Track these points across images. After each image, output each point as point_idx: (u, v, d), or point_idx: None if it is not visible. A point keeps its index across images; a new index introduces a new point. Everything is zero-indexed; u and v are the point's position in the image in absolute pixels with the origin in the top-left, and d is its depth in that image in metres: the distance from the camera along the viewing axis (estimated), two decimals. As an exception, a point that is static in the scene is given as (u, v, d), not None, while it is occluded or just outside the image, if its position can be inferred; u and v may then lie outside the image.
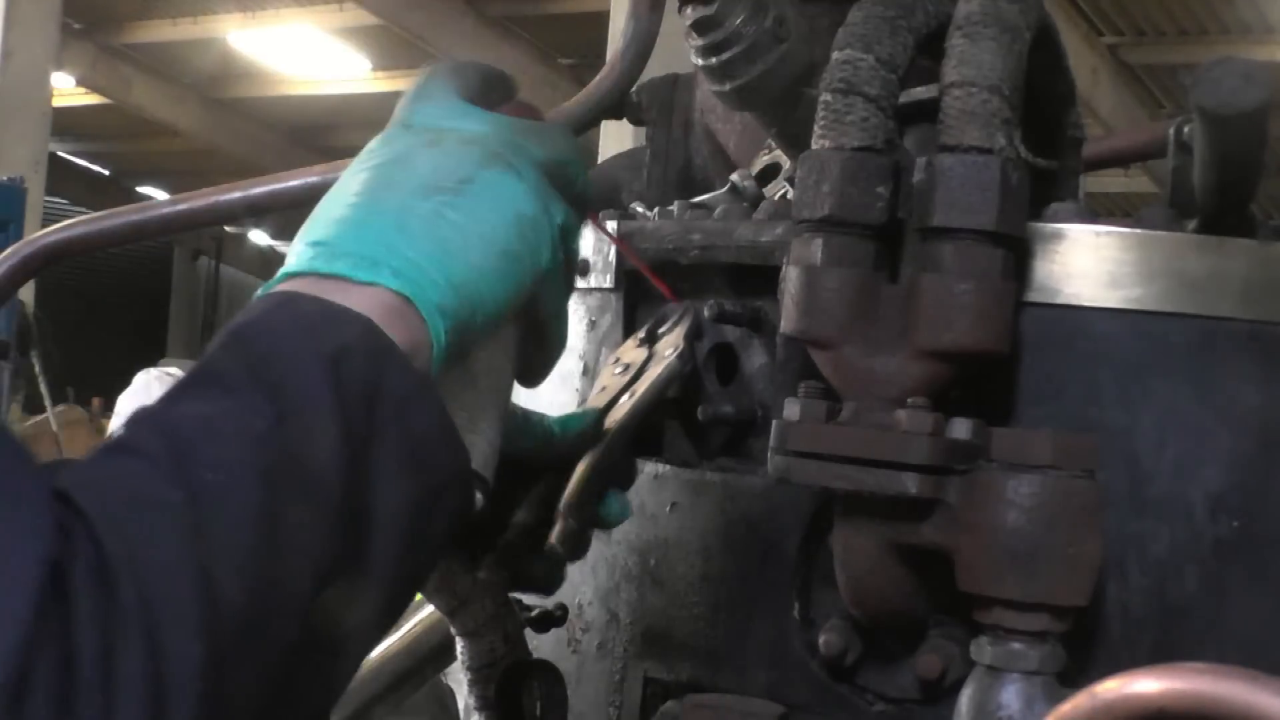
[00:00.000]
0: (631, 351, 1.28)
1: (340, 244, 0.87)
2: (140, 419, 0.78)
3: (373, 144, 0.95)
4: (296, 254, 0.88)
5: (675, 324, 1.26)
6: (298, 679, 0.78)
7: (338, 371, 0.80)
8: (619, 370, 1.26)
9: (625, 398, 1.21)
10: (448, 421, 0.86)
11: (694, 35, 1.31)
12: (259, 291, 0.88)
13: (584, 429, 1.14)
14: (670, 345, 1.24)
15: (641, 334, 1.29)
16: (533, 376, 1.05)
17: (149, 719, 0.67)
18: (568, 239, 0.97)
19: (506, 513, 1.14)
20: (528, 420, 1.11)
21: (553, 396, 1.37)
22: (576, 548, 1.14)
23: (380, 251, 0.86)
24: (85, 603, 0.66)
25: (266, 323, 0.83)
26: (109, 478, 0.73)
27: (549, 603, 1.30)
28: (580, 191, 0.99)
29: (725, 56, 1.30)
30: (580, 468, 1.13)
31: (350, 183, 0.92)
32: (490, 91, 1.00)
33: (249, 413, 0.77)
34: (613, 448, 1.15)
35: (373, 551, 0.80)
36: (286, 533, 0.75)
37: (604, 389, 1.25)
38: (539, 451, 1.11)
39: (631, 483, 1.20)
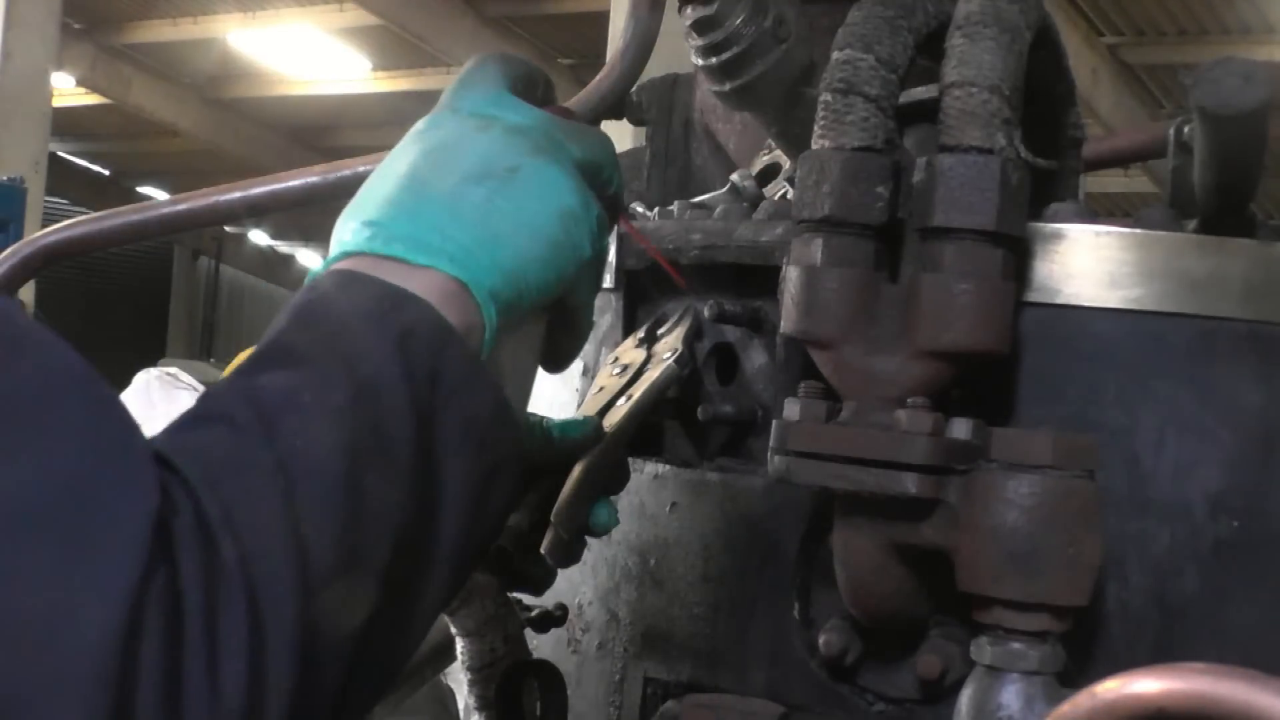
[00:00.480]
0: (630, 352, 1.28)
1: (395, 226, 0.90)
2: (222, 389, 0.81)
3: (420, 125, 0.97)
4: (351, 231, 0.91)
5: (674, 325, 1.27)
6: (376, 644, 0.81)
7: (405, 350, 0.83)
8: (617, 371, 1.26)
9: (622, 400, 1.21)
10: (503, 400, 0.89)
11: (694, 35, 1.31)
12: (315, 270, 0.91)
13: (583, 436, 1.15)
14: (669, 348, 1.24)
15: (641, 334, 1.29)
16: (558, 363, 1.06)
17: (250, 671, 0.69)
18: (603, 241, 1.00)
19: None
20: (528, 422, 1.11)
21: (554, 396, 1.37)
22: (567, 556, 1.15)
23: (435, 236, 0.89)
24: (189, 557, 0.69)
25: (333, 300, 0.86)
26: (202, 442, 0.76)
27: (549, 603, 1.30)
28: (614, 193, 1.02)
29: (725, 56, 1.30)
30: (573, 475, 1.14)
31: (399, 163, 0.94)
32: (533, 89, 1.02)
33: (326, 385, 0.80)
34: (606, 455, 1.16)
35: (441, 523, 0.83)
36: (367, 500, 0.78)
37: (601, 389, 1.25)
38: (537, 455, 1.11)
39: (623, 488, 1.21)
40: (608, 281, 1.34)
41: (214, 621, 0.69)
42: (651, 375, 1.23)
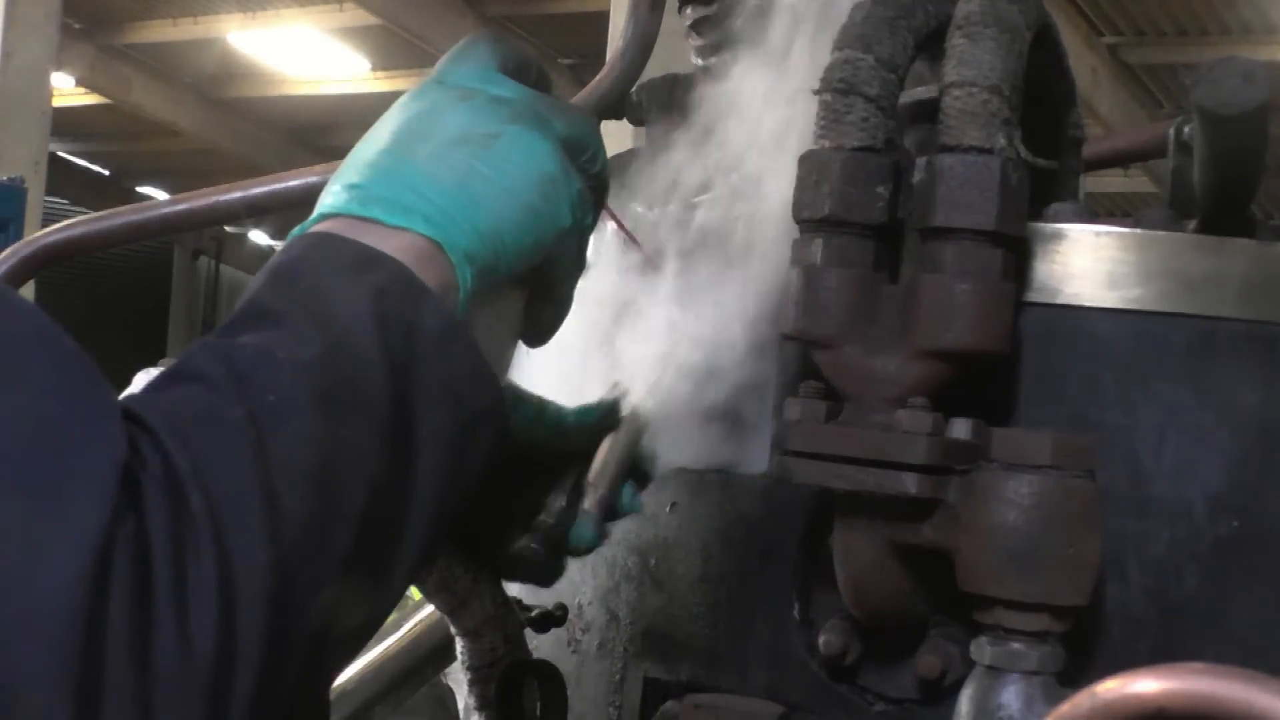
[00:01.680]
0: (628, 351, 1.28)
1: (373, 188, 0.91)
2: (196, 350, 0.81)
3: (405, 97, 0.99)
4: (332, 195, 0.92)
5: (673, 328, 1.26)
6: (353, 595, 0.81)
7: (379, 306, 0.84)
8: (616, 371, 1.26)
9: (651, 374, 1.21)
10: (480, 358, 0.90)
11: (694, 35, 1.31)
12: (294, 231, 0.92)
13: (598, 420, 1.14)
14: (665, 353, 1.24)
15: (642, 331, 1.28)
16: (538, 337, 1.06)
17: (221, 618, 0.70)
18: (585, 213, 1.00)
19: (507, 504, 1.13)
20: (543, 409, 1.11)
21: (554, 397, 1.36)
22: (603, 519, 1.13)
23: (412, 198, 0.90)
24: (156, 508, 0.70)
25: (308, 261, 0.87)
26: (173, 399, 0.77)
27: (549, 603, 1.30)
28: (598, 173, 1.02)
29: (725, 57, 1.30)
30: (605, 446, 1.12)
31: (383, 131, 0.96)
32: (525, 73, 1.03)
33: (300, 341, 0.81)
34: (635, 432, 1.14)
35: (417, 475, 0.84)
36: (341, 451, 0.79)
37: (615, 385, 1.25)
38: (549, 441, 1.11)
39: (649, 481, 1.19)
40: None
41: (182, 570, 0.69)
42: (649, 380, 1.23)
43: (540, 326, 1.05)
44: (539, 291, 1.02)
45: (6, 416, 0.68)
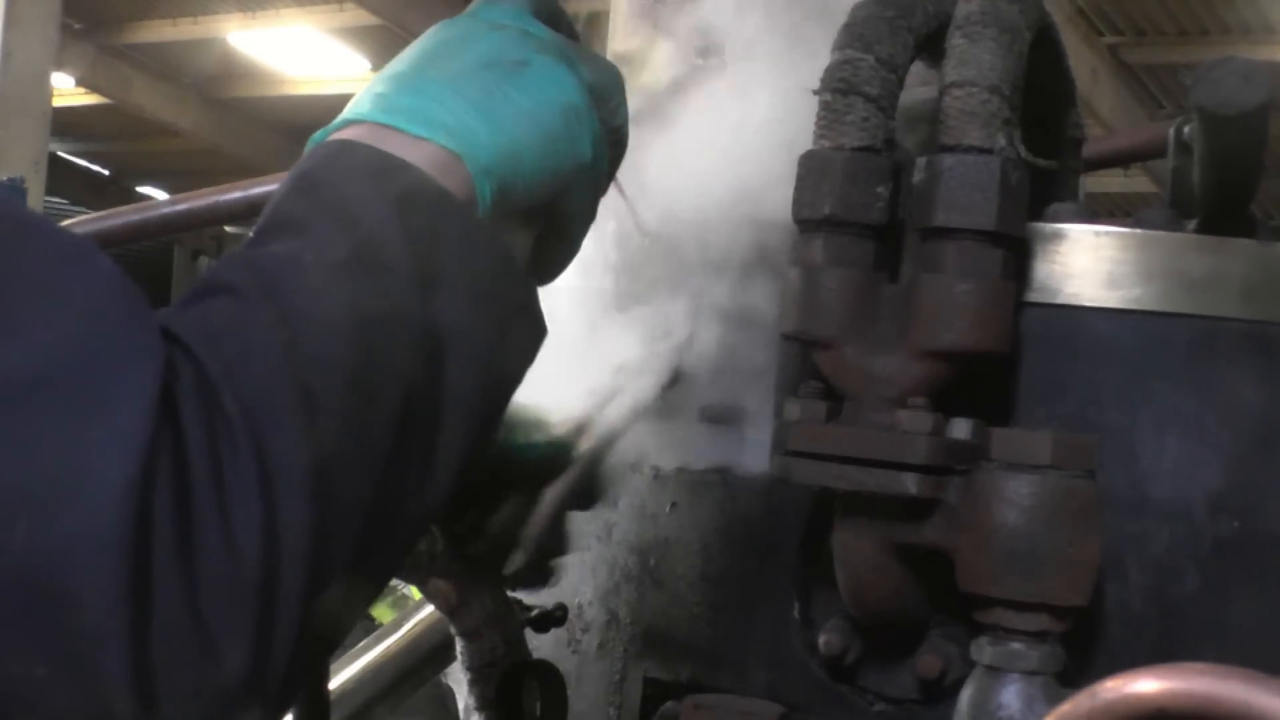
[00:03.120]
0: (627, 350, 1.28)
1: (398, 99, 0.92)
2: (225, 262, 0.82)
3: (437, 25, 1.00)
4: (357, 103, 0.93)
5: (672, 330, 1.27)
6: (397, 493, 0.82)
7: (403, 209, 0.84)
8: (610, 371, 1.26)
9: (610, 407, 1.22)
10: (510, 256, 0.91)
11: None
12: (316, 135, 0.93)
13: (544, 459, 1.17)
14: (662, 358, 1.24)
15: (642, 333, 1.28)
16: (548, 274, 1.05)
17: (263, 518, 0.71)
18: (603, 155, 1.00)
19: (445, 521, 1.16)
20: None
21: (554, 396, 1.36)
22: (532, 577, 1.17)
23: (436, 109, 0.91)
24: (191, 414, 0.71)
25: (331, 168, 0.88)
26: (204, 310, 0.78)
27: (549, 603, 1.30)
28: (619, 125, 1.02)
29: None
30: (545, 498, 1.15)
31: (414, 49, 0.97)
32: (557, 22, 1.03)
33: (326, 246, 0.81)
34: (580, 479, 1.17)
35: (449, 377, 0.84)
36: (374, 350, 0.79)
37: (593, 389, 1.25)
38: (493, 468, 1.13)
39: (593, 505, 1.23)
40: (609, 282, 1.34)
41: (220, 474, 0.70)
42: (642, 385, 1.23)
43: (550, 262, 1.04)
44: (550, 228, 1.01)
45: (52, 335, 0.69)
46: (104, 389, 0.69)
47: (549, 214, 0.99)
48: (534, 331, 0.94)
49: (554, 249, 1.03)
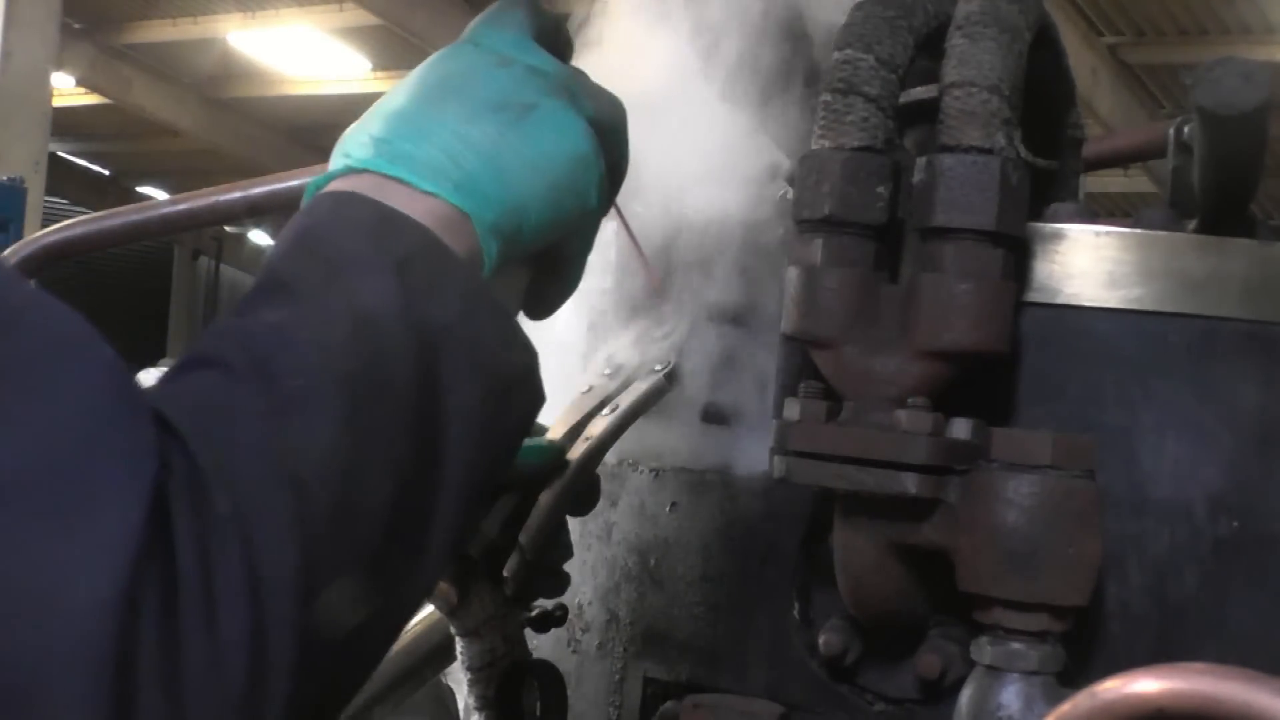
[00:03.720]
0: (625, 350, 1.28)
1: (403, 146, 0.88)
2: (217, 332, 0.80)
3: (438, 55, 0.96)
4: (359, 145, 0.90)
5: (671, 330, 1.27)
6: (390, 574, 0.79)
7: (405, 277, 0.81)
8: (608, 371, 1.26)
9: (606, 410, 1.22)
10: (511, 323, 0.88)
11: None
12: (317, 180, 0.89)
13: (542, 463, 1.16)
14: (660, 360, 1.25)
15: (638, 333, 1.29)
16: (543, 311, 1.04)
17: (252, 625, 0.68)
18: (606, 201, 0.98)
19: None
20: None
21: (552, 397, 1.36)
22: (531, 584, 1.17)
23: (443, 161, 0.88)
24: (182, 516, 0.68)
25: (332, 226, 0.84)
26: (194, 391, 0.75)
27: (549, 603, 1.30)
28: (619, 160, 1.00)
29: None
30: (542, 503, 1.15)
31: (415, 84, 0.93)
32: (557, 41, 1.00)
33: (324, 320, 0.78)
34: (577, 481, 1.17)
35: (447, 454, 0.82)
36: (367, 436, 0.77)
37: (591, 389, 1.25)
38: None
39: (590, 509, 1.23)
40: (608, 282, 1.34)
41: (210, 580, 0.68)
42: (639, 387, 1.23)
43: (545, 302, 1.03)
44: (548, 267, 1.00)
45: (40, 430, 0.66)
46: (94, 492, 0.66)
47: (549, 254, 0.97)
48: (532, 401, 0.91)
49: (552, 287, 1.01)
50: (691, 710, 1.16)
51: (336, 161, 0.90)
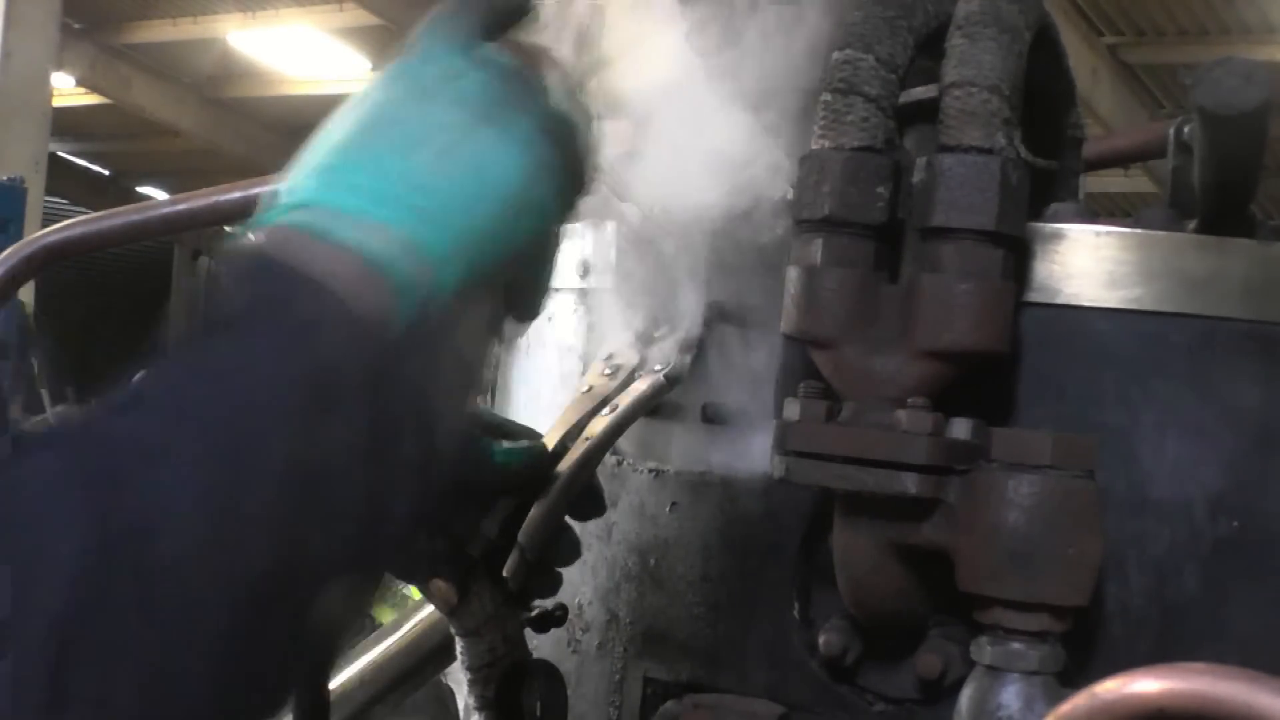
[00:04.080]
0: (625, 351, 1.28)
1: (349, 176, 0.86)
2: (81, 426, 0.76)
3: (378, 80, 0.93)
4: (304, 173, 0.87)
5: (670, 331, 1.27)
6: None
7: (300, 356, 0.78)
8: (608, 371, 1.26)
9: (605, 410, 1.22)
10: (423, 395, 0.84)
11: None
12: (266, 216, 0.86)
13: (524, 465, 1.16)
14: (660, 360, 1.25)
15: (637, 332, 1.29)
16: (526, 315, 1.01)
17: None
18: (566, 205, 0.95)
19: (444, 523, 1.17)
20: (467, 444, 1.09)
21: (553, 397, 1.37)
22: (531, 582, 1.17)
23: (385, 197, 0.85)
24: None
25: (236, 304, 0.81)
26: (35, 491, 0.70)
27: (549, 603, 1.30)
28: (581, 161, 0.96)
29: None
30: (543, 500, 1.16)
31: (365, 109, 0.90)
32: (517, 24, 0.98)
33: (190, 430, 0.74)
34: (576, 480, 1.17)
35: (323, 552, 0.77)
36: (219, 582, 0.72)
37: (590, 389, 1.25)
38: (474, 476, 1.12)
39: (596, 515, 1.24)
40: (608, 281, 1.34)
41: None
42: (639, 387, 1.23)
43: (525, 307, 0.99)
44: (519, 277, 0.97)
45: None
46: None
47: (517, 265, 0.94)
48: (428, 479, 0.86)
49: (526, 294, 0.98)
50: (691, 710, 1.16)
51: (276, 200, 0.87)
